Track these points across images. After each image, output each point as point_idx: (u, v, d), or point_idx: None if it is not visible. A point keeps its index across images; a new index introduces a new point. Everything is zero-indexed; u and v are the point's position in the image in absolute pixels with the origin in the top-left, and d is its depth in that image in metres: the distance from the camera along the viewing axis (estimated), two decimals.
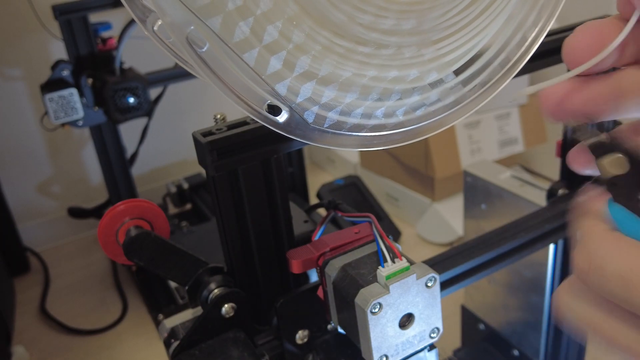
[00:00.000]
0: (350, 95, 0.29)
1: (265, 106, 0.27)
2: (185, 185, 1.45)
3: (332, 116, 0.29)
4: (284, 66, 0.27)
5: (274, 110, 0.28)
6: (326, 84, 0.28)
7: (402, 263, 0.38)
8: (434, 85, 0.31)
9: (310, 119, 0.29)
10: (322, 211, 0.53)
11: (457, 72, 0.31)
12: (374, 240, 0.42)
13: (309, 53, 0.27)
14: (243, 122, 0.41)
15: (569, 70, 0.22)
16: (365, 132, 0.30)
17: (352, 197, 1.44)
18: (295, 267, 0.44)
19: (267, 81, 0.27)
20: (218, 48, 0.25)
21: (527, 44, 0.31)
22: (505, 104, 1.46)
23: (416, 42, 0.29)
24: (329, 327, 0.47)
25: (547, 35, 0.58)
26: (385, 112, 0.30)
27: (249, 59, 0.26)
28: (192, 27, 0.24)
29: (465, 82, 0.31)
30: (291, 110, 0.28)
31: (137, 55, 1.30)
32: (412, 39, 0.29)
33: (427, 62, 0.30)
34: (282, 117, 0.28)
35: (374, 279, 0.38)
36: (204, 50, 0.25)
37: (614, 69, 0.22)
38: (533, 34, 0.32)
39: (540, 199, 0.75)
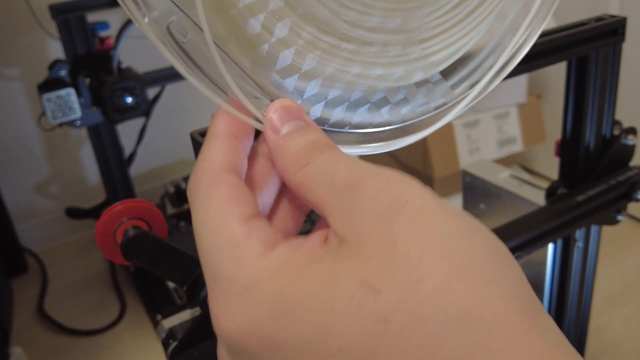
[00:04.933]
0: (334, 91, 0.29)
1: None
2: (184, 185, 1.45)
3: (315, 111, 0.28)
4: (266, 59, 0.26)
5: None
6: (309, 79, 0.28)
7: None
8: (419, 84, 0.30)
9: None
10: None
11: (444, 73, 0.31)
12: None
13: (291, 47, 0.27)
14: None
15: None
16: (349, 129, 0.30)
17: None
18: None
19: (249, 74, 0.26)
20: (200, 40, 0.25)
21: (518, 45, 0.31)
22: (503, 104, 1.46)
23: (402, 41, 0.29)
24: None
25: (544, 35, 0.58)
26: (370, 109, 0.30)
27: (231, 51, 0.26)
28: (173, 18, 0.24)
29: (454, 86, 0.31)
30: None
31: (135, 54, 1.29)
32: (397, 38, 0.29)
33: (414, 61, 0.29)
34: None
35: None
36: (185, 41, 0.24)
37: None
38: (525, 35, 0.32)
39: (539, 199, 0.75)
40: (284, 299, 0.19)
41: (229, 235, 0.20)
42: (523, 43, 0.31)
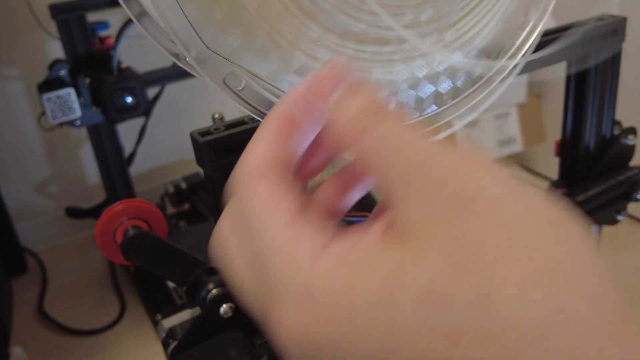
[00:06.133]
0: (383, 92, 0.30)
1: None
2: (183, 185, 1.45)
3: None
4: None
5: None
6: None
7: None
8: (458, 67, 0.32)
9: None
10: None
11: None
12: None
13: None
14: (241, 122, 0.41)
15: None
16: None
17: None
18: None
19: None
20: (253, 82, 0.27)
21: (541, 9, 0.32)
22: (505, 103, 1.46)
23: (436, 29, 0.30)
24: None
25: (544, 35, 0.58)
26: (417, 100, 0.31)
27: (283, 86, 0.27)
28: (229, 71, 0.26)
29: (489, 55, 0.32)
30: None
31: (134, 54, 1.29)
32: (431, 27, 0.30)
33: (450, 43, 0.30)
34: None
35: None
36: (241, 89, 0.26)
37: None
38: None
39: None
40: (343, 306, 0.17)
41: (276, 242, 0.19)
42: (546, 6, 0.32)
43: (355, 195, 0.25)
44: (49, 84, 1.08)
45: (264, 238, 0.20)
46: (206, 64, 0.25)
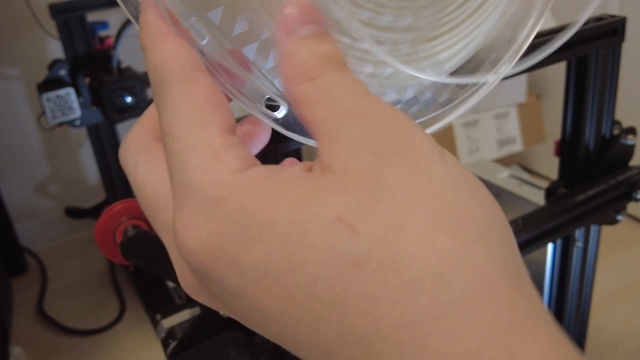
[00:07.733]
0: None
1: (264, 101, 0.27)
2: None
3: None
4: None
5: (272, 106, 0.28)
6: None
7: None
8: (428, 83, 0.31)
9: None
10: None
11: (450, 71, 0.31)
12: None
13: None
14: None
15: None
16: None
17: None
18: None
19: (267, 75, 0.26)
20: (217, 41, 0.24)
21: (519, 40, 0.31)
22: (503, 103, 1.46)
23: (411, 39, 0.29)
24: None
25: (544, 35, 0.58)
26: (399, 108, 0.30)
27: (249, 53, 0.25)
28: (194, 19, 0.23)
29: (460, 84, 0.31)
30: (289, 106, 0.28)
31: (134, 54, 1.29)
32: (407, 36, 0.29)
33: (422, 59, 0.30)
34: (280, 113, 0.28)
35: None
36: (203, 43, 0.24)
37: None
38: (525, 31, 0.32)
39: (538, 198, 0.75)
40: (255, 220, 0.17)
41: (207, 143, 0.19)
42: (527, 35, 0.31)
43: (252, 151, 0.25)
44: (49, 84, 1.08)
45: (191, 139, 0.19)
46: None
